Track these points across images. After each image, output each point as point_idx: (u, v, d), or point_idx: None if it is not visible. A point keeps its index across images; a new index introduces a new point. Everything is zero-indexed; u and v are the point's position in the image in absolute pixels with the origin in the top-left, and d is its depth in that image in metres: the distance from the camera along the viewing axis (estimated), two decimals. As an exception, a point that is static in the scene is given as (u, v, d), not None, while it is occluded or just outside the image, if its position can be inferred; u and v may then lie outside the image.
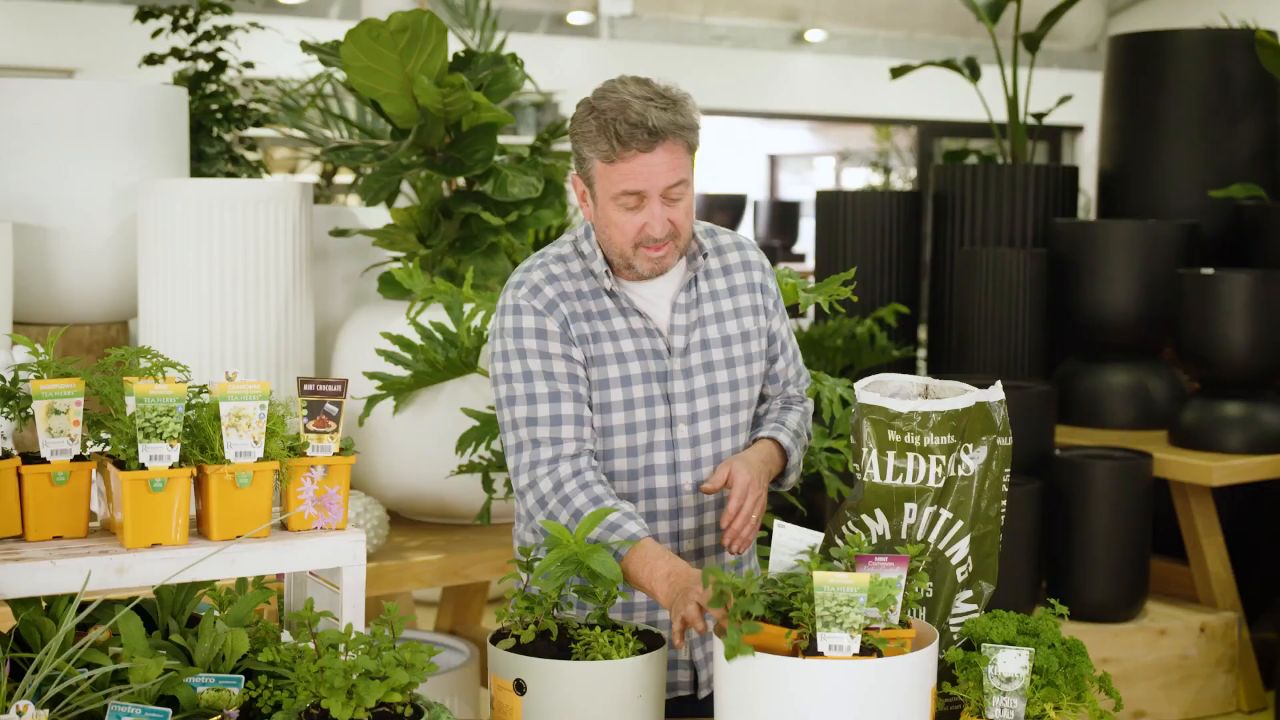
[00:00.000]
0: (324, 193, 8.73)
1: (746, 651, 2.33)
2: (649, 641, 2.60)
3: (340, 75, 4.95)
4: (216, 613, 2.56)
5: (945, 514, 2.66)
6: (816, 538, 2.58)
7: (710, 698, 2.97)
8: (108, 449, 2.46)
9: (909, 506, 2.66)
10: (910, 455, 2.64)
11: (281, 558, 2.47)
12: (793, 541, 2.58)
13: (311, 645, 2.37)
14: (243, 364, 4.14)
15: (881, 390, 2.77)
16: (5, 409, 2.45)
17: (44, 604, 2.41)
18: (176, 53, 5.41)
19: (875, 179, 16.06)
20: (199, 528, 2.49)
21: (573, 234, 2.94)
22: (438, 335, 4.00)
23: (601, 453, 2.88)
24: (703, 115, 2.89)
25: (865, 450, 2.67)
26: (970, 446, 2.66)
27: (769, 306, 3.00)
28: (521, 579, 2.68)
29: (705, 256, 2.93)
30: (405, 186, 5.21)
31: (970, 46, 14.28)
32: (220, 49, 5.39)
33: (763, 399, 3.07)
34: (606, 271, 2.86)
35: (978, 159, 7.88)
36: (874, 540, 2.68)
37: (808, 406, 3.11)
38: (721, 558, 2.97)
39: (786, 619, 2.45)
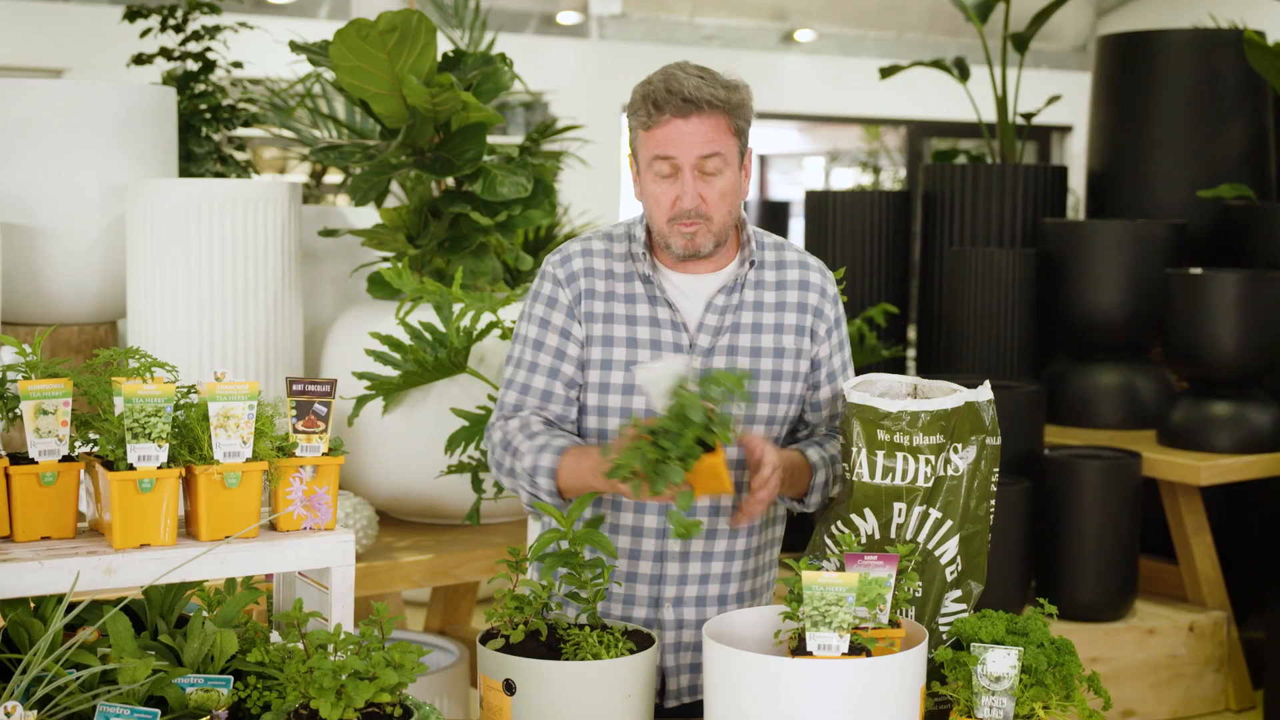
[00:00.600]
0: (313, 193, 8.72)
1: (696, 530, 2.49)
2: (639, 642, 2.60)
3: (329, 75, 4.95)
4: (205, 613, 2.55)
5: (934, 513, 2.66)
6: (682, 365, 2.58)
7: (677, 709, 2.96)
8: (96, 449, 2.46)
9: (898, 506, 2.66)
10: (899, 455, 2.65)
11: (270, 558, 2.46)
12: (661, 377, 2.57)
13: (300, 646, 2.37)
14: (231, 364, 4.14)
15: (871, 390, 2.77)
16: (-7, 409, 2.45)
17: (32, 605, 2.40)
18: (165, 52, 5.40)
19: (864, 179, 16.08)
20: (187, 528, 2.49)
21: (633, 222, 2.95)
22: (427, 335, 4.00)
23: (596, 431, 2.89)
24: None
25: (854, 450, 2.68)
26: (959, 446, 2.66)
27: (819, 331, 2.93)
28: (511, 579, 2.68)
29: (754, 265, 2.90)
30: (394, 186, 5.20)
31: (959, 46, 14.29)
32: (209, 49, 5.38)
33: (806, 425, 2.99)
34: (644, 254, 2.87)
35: (967, 159, 7.88)
36: (863, 539, 2.68)
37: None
38: (710, 554, 2.93)
39: (706, 445, 2.49)
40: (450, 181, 4.44)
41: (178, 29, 5.37)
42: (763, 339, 2.88)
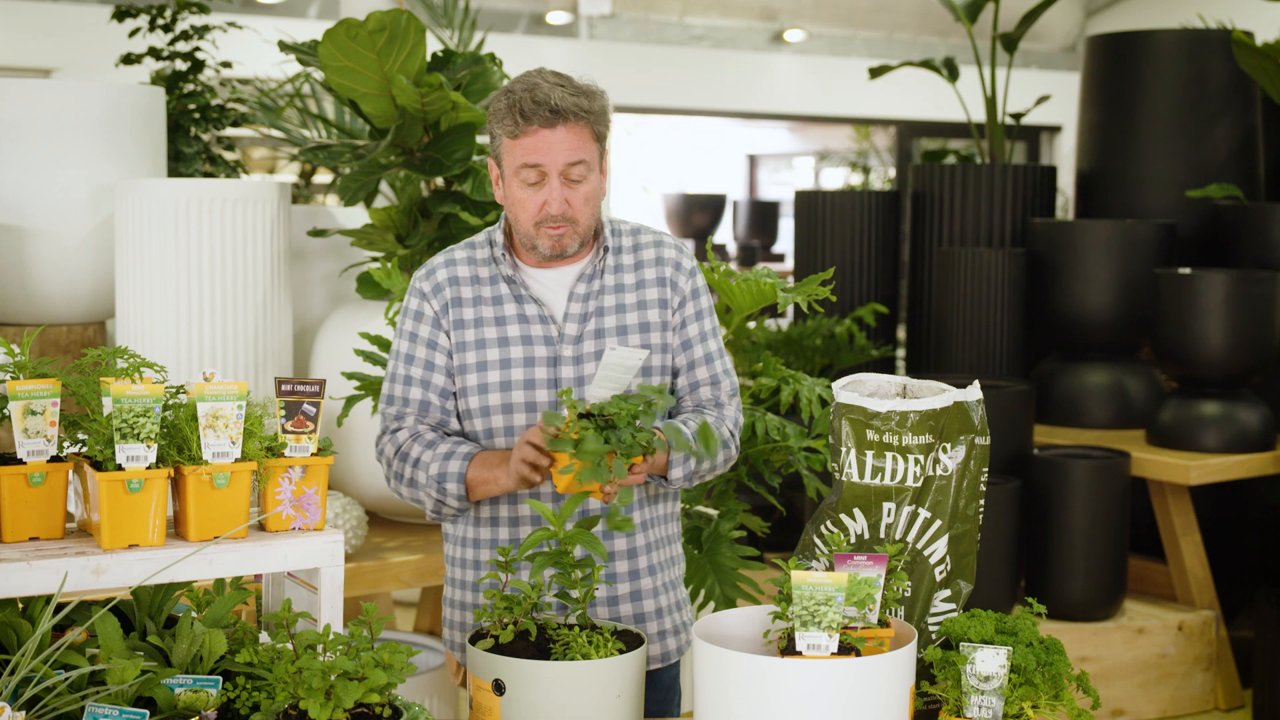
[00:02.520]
0: (302, 193, 8.71)
1: (629, 527, 2.57)
2: (628, 641, 2.60)
3: (318, 75, 4.94)
4: (194, 614, 2.55)
5: (924, 513, 2.67)
6: (643, 355, 2.70)
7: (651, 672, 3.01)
8: (85, 450, 2.46)
9: (887, 506, 2.67)
10: (889, 454, 2.65)
11: (259, 558, 2.46)
12: (624, 361, 2.68)
13: (290, 646, 2.37)
14: (220, 364, 4.13)
15: (860, 390, 2.78)
16: (-19, 410, 2.44)
17: (20, 605, 2.40)
18: (154, 52, 5.39)
19: (854, 179, 16.08)
20: (176, 528, 2.48)
21: (494, 227, 3.05)
22: (416, 335, 3.99)
23: (483, 432, 2.95)
24: (682, 115, 2.94)
25: (843, 450, 2.68)
26: (948, 446, 2.67)
27: (674, 304, 3.01)
28: (501, 579, 2.68)
29: (608, 251, 2.99)
30: (384, 186, 5.19)
31: (949, 47, 14.31)
32: (198, 48, 5.37)
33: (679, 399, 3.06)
34: (504, 256, 2.97)
35: (956, 159, 7.90)
36: (853, 539, 2.68)
37: (725, 412, 3.00)
38: (610, 545, 2.96)
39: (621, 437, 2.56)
40: (439, 181, 4.44)
41: (166, 29, 5.37)
42: (627, 317, 2.97)
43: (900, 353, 7.27)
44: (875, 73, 7.22)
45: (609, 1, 12.96)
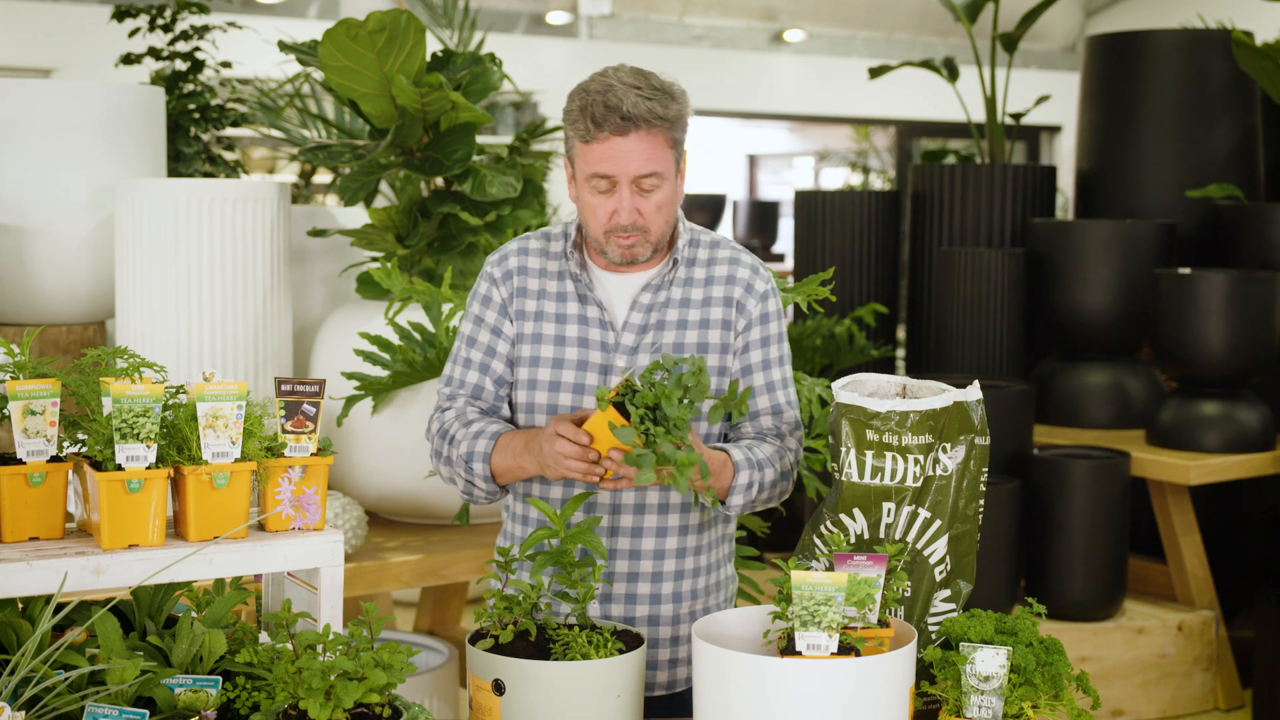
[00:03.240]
0: (302, 193, 8.71)
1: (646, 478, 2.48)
2: (628, 641, 2.60)
3: (318, 75, 4.94)
4: (194, 614, 2.55)
5: (923, 513, 2.67)
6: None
7: (663, 698, 2.98)
8: (84, 450, 2.46)
9: (887, 506, 2.66)
10: (888, 454, 2.65)
11: (259, 558, 2.46)
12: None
13: (289, 646, 2.37)
14: (220, 364, 4.13)
15: (860, 390, 2.78)
16: (-19, 410, 2.44)
17: (20, 605, 2.40)
18: (154, 52, 5.39)
19: (854, 179, 16.09)
20: (176, 528, 2.48)
21: (572, 221, 2.98)
22: (416, 335, 4.00)
23: (526, 427, 2.91)
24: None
25: (843, 450, 2.68)
26: (948, 446, 2.67)
27: (739, 327, 2.91)
28: (500, 579, 2.68)
29: (678, 264, 2.90)
30: (384, 186, 5.19)
31: (948, 47, 14.31)
32: (198, 48, 5.37)
33: (734, 426, 2.96)
34: (569, 252, 2.90)
35: (956, 159, 7.90)
36: (852, 539, 2.68)
37: (787, 444, 2.92)
38: (637, 550, 2.92)
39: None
40: (439, 181, 4.44)
41: (166, 29, 5.36)
42: (687, 335, 2.89)
43: (900, 353, 7.27)
44: (875, 73, 7.22)
45: (609, 1, 12.96)
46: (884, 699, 2.32)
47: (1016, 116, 7.14)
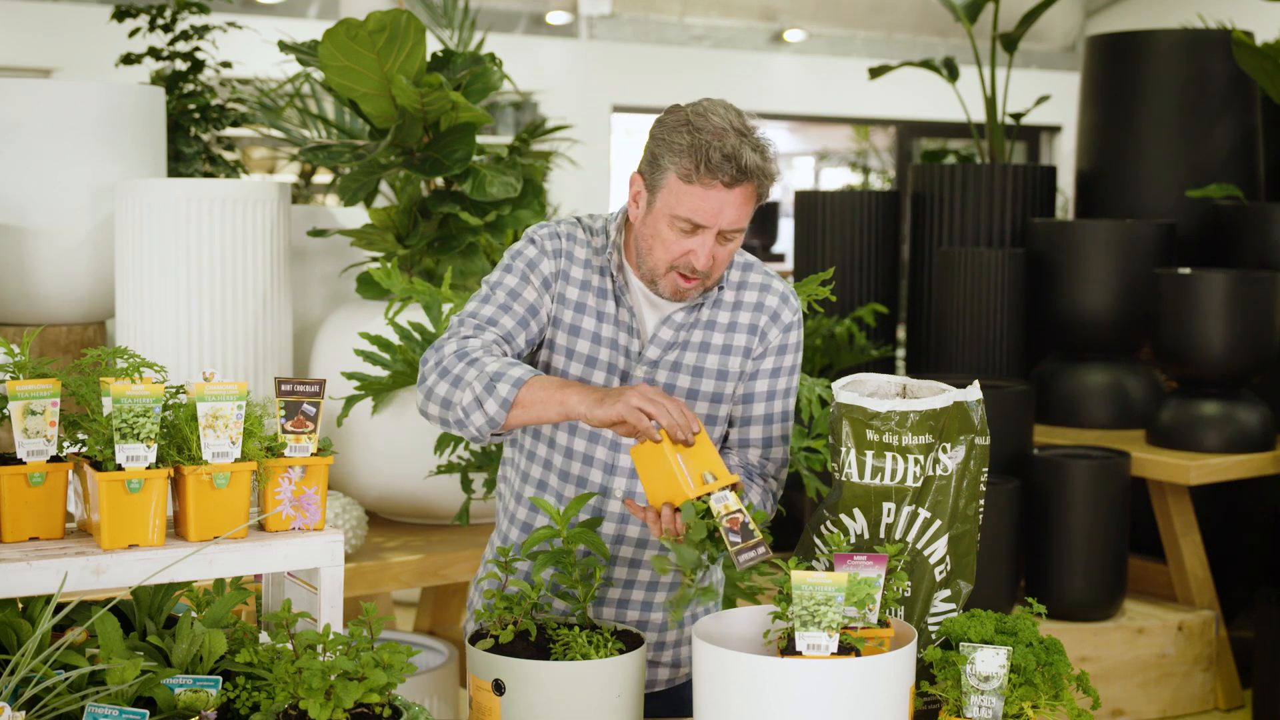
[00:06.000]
0: (302, 193, 8.71)
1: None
2: (628, 641, 2.60)
3: (318, 75, 4.94)
4: (194, 614, 2.55)
5: (923, 513, 2.67)
6: None
7: (663, 692, 3.00)
8: (84, 450, 2.46)
9: (887, 506, 2.66)
10: (888, 455, 2.65)
11: (259, 558, 2.46)
12: None
13: (289, 646, 2.37)
14: (220, 364, 4.13)
15: (860, 390, 2.77)
16: (-19, 410, 2.44)
17: (20, 605, 2.40)
18: (154, 52, 5.39)
19: (854, 179, 16.09)
20: (176, 528, 2.48)
21: (611, 217, 2.89)
22: (416, 335, 4.00)
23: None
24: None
25: (843, 450, 2.68)
26: (948, 446, 2.67)
27: (755, 352, 2.87)
28: (500, 578, 2.68)
29: (724, 287, 2.85)
30: (384, 186, 5.20)
31: (948, 47, 14.31)
32: (198, 48, 5.37)
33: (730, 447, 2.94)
34: (610, 253, 2.82)
35: (956, 159, 7.90)
36: (852, 540, 2.68)
37: (769, 487, 2.90)
38: (638, 560, 2.92)
39: None
40: (439, 181, 4.44)
41: (166, 29, 5.36)
42: (708, 359, 2.84)
43: (900, 353, 7.28)
44: (875, 73, 7.22)
45: (609, 1, 12.97)
46: (884, 699, 2.32)
47: (1016, 116, 7.14)
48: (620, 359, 2.83)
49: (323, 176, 9.76)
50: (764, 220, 14.36)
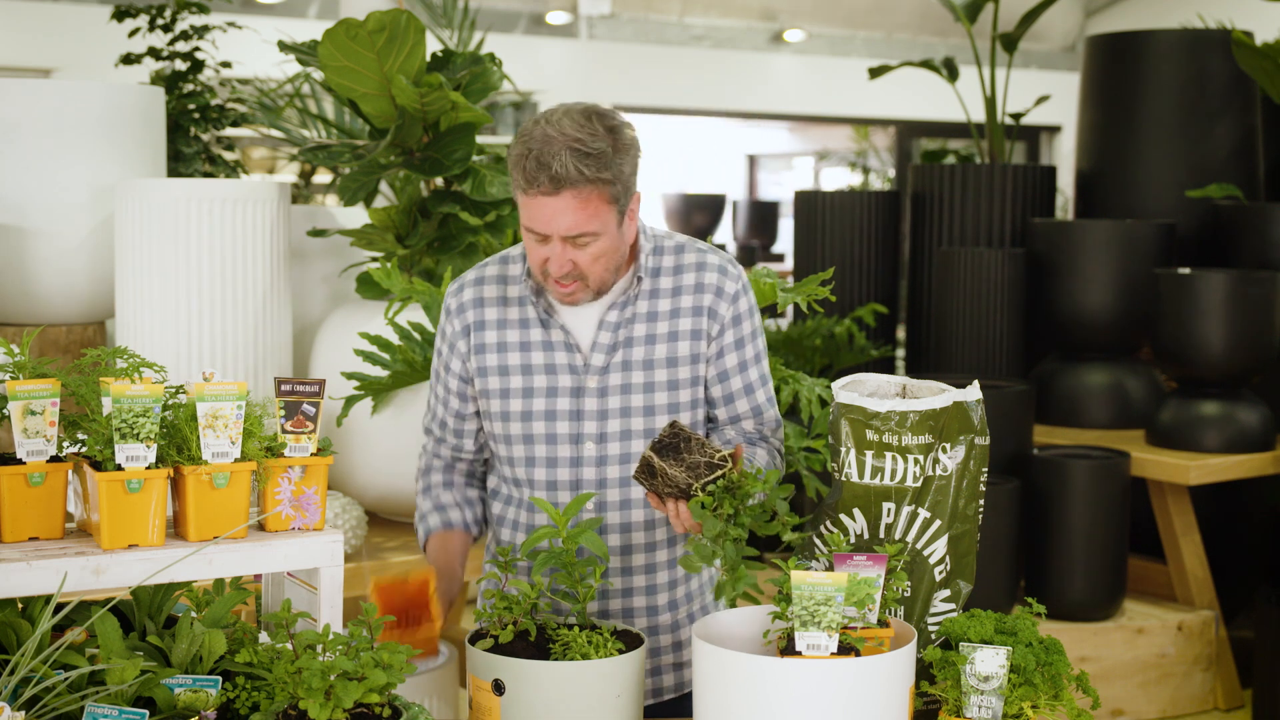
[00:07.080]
0: (302, 193, 8.71)
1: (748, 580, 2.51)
2: (628, 641, 2.60)
3: (318, 75, 4.94)
4: (194, 614, 2.55)
5: (923, 513, 2.67)
6: None
7: (669, 702, 2.99)
8: (84, 450, 2.45)
9: (887, 506, 2.66)
10: (888, 455, 2.65)
11: (259, 558, 2.46)
12: None
13: (289, 646, 2.37)
14: (220, 364, 4.13)
15: (859, 390, 2.77)
16: (-19, 410, 2.44)
17: (20, 605, 2.40)
18: (153, 52, 5.39)
19: (854, 179, 16.08)
20: (176, 528, 2.48)
21: None
22: (416, 335, 3.99)
23: (505, 459, 2.92)
24: (682, 115, 2.88)
25: (843, 450, 2.67)
26: (948, 446, 2.66)
27: (712, 333, 2.85)
28: (500, 579, 2.68)
29: (643, 278, 2.83)
30: (383, 186, 5.19)
31: (948, 47, 14.31)
32: (197, 48, 5.37)
33: (716, 424, 2.93)
34: (525, 278, 2.85)
35: (956, 159, 7.90)
36: (852, 539, 2.68)
37: (773, 445, 2.94)
38: (644, 566, 2.94)
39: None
40: (439, 181, 4.44)
41: (166, 29, 5.37)
42: (656, 350, 2.83)
43: (900, 353, 7.28)
44: (875, 73, 7.22)
45: (609, 1, 12.97)
46: (884, 699, 2.32)
47: (1016, 116, 7.14)
48: (564, 378, 2.83)
49: (323, 176, 9.76)
50: (764, 220, 14.36)
